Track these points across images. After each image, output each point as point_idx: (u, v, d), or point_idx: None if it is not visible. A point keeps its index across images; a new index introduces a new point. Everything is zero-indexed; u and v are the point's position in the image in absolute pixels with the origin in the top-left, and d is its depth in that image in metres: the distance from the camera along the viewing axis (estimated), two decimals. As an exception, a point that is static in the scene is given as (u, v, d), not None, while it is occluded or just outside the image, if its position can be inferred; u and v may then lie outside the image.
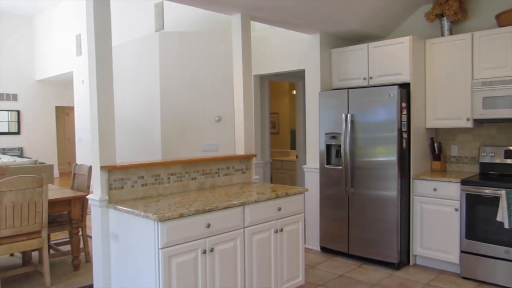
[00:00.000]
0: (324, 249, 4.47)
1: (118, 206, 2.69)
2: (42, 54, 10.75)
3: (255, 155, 3.76)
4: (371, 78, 4.20)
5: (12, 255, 4.46)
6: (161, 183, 3.09)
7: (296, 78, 5.89)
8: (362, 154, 4.06)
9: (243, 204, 2.84)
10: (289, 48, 4.98)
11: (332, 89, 4.51)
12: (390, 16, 4.34)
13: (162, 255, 2.39)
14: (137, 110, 5.85)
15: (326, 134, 4.34)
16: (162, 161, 3.13)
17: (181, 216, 2.46)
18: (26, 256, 4.12)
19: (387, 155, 3.89)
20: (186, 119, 5.44)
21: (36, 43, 10.99)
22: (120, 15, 6.79)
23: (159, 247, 2.38)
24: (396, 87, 3.81)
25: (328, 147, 4.35)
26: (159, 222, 2.37)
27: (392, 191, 3.88)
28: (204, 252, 2.59)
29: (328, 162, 4.35)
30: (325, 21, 4.05)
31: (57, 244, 4.49)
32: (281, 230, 3.11)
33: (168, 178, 3.13)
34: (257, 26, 5.26)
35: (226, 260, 2.74)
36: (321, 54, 4.46)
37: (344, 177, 4.19)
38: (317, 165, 4.46)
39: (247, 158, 3.70)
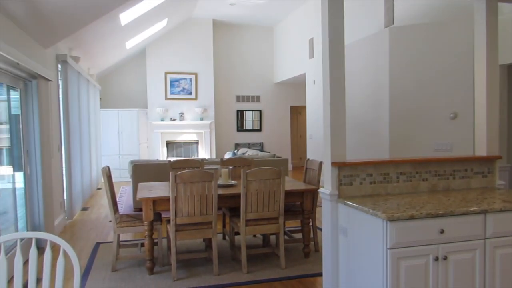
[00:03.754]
0: None
1: (347, 202, 2.77)
2: (279, 59, 12.03)
3: (499, 157, 3.26)
4: None
5: (254, 236, 5.17)
6: (390, 182, 3.02)
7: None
8: None
9: (484, 212, 2.50)
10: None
11: None
12: None
13: (390, 255, 2.34)
14: (364, 108, 5.88)
15: None
16: (391, 160, 3.06)
17: (412, 217, 2.35)
18: (265, 239, 4.70)
19: None
20: (416, 117, 5.15)
21: (275, 50, 12.38)
22: (349, 14, 6.96)
23: (388, 247, 2.34)
24: None
25: None
26: (388, 222, 2.33)
27: None
28: (436, 259, 2.40)
29: None
30: None
31: (290, 231, 4.95)
32: (535, 247, 2.61)
33: (397, 177, 3.03)
34: (504, 8, 4.53)
35: (462, 272, 2.47)
36: None
37: None
38: None
39: (489, 160, 3.24)
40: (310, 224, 4.42)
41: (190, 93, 11.40)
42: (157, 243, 4.25)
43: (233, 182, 4.50)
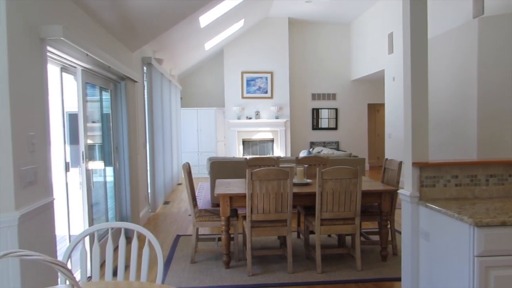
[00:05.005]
0: None
1: (429, 204, 2.62)
2: (357, 55, 11.71)
3: None
4: None
5: (329, 236, 5.10)
6: (478, 185, 2.81)
7: None
8: None
9: None
10: None
11: None
12: None
13: (478, 264, 2.17)
14: (449, 105, 5.52)
15: None
16: (479, 161, 2.84)
17: (503, 224, 2.17)
18: (341, 239, 4.61)
19: None
20: (509, 115, 4.73)
21: (352, 46, 12.08)
22: (433, 6, 6.56)
23: (475, 254, 2.18)
24: None
25: None
26: (475, 227, 2.17)
27: None
28: (533, 270, 2.19)
29: None
30: None
31: (367, 233, 4.81)
32: None
33: (487, 180, 2.81)
34: None
35: None
36: None
37: None
38: None
39: None
40: (388, 226, 4.26)
41: (266, 92, 11.54)
42: (233, 238, 4.36)
43: (308, 180, 4.48)
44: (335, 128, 12.32)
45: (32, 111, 2.64)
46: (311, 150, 9.33)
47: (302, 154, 9.32)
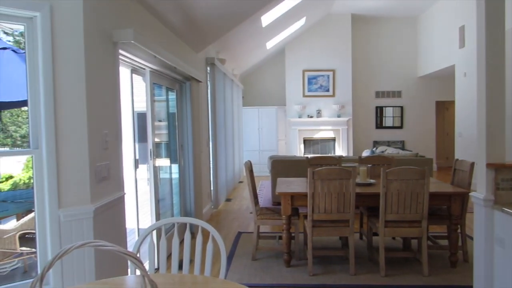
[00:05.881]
0: None
1: (505, 209, 2.44)
2: (424, 51, 11.18)
3: None
4: None
5: (394, 238, 4.92)
6: None
7: None
8: None
9: None
10: None
11: None
12: None
13: None
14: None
15: None
16: None
17: None
18: (406, 242, 4.43)
19: None
20: None
21: (419, 42, 11.54)
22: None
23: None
24: None
25: None
26: (560, 235, 1.99)
27: None
28: None
29: None
30: None
31: (434, 237, 4.58)
32: None
33: None
34: None
35: None
36: None
37: None
38: None
39: None
40: (459, 230, 4.03)
41: (328, 90, 11.37)
42: (294, 237, 4.36)
43: (372, 181, 4.35)
44: (400, 127, 11.85)
45: (105, 111, 2.81)
46: (374, 149, 9.06)
47: (365, 153, 9.08)
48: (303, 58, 11.37)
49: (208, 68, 6.61)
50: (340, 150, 11.37)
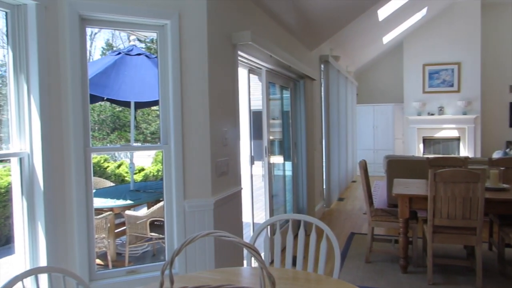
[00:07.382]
0: None
1: None
2: None
3: None
4: None
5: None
6: None
7: None
8: None
9: None
10: None
11: None
12: None
13: None
14: None
15: None
16: None
17: None
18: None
19: None
20: None
21: None
22: None
23: None
24: None
25: None
26: None
27: None
28: None
29: None
30: None
31: None
32: None
33: None
34: None
35: None
36: None
37: None
38: None
39: None
40: None
41: (452, 85, 10.45)
42: (411, 242, 4.11)
43: (505, 185, 3.89)
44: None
45: (225, 110, 2.98)
46: (507, 150, 8.09)
47: (496, 155, 8.16)
48: (423, 51, 10.62)
49: (322, 66, 6.57)
50: (465, 151, 10.38)
